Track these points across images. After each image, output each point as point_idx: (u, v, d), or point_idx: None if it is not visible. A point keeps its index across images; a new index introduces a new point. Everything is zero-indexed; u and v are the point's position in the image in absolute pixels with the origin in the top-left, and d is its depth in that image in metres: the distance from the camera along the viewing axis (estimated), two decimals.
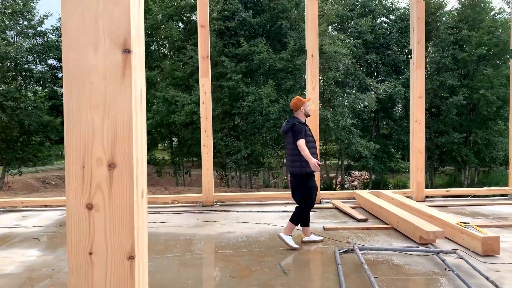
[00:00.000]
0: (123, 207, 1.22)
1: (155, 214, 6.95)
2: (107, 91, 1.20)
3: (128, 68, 1.21)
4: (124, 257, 1.22)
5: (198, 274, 3.94)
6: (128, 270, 1.23)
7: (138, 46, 1.27)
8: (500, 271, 3.89)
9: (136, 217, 1.24)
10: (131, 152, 1.21)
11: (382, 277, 3.78)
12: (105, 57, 1.20)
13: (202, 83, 7.59)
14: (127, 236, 1.22)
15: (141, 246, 1.29)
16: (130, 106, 1.21)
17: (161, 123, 19.97)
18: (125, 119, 1.21)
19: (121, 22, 1.19)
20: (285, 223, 6.07)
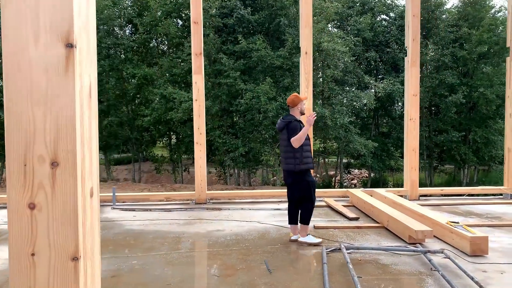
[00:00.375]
0: (67, 207, 1.18)
1: (146, 211, 6.92)
2: (49, 86, 1.16)
3: (72, 63, 1.16)
4: (67, 258, 1.19)
5: (183, 273, 3.90)
6: (72, 272, 1.19)
7: (85, 40, 1.23)
8: (487, 272, 3.85)
9: (81, 217, 1.20)
10: (75, 149, 1.17)
11: (367, 276, 3.75)
12: (46, 50, 1.15)
13: (195, 80, 7.54)
14: (71, 237, 1.18)
15: (89, 247, 1.25)
16: (74, 102, 1.17)
17: (159, 120, 19.92)
18: (68, 116, 1.17)
19: (63, 15, 1.15)
20: (277, 221, 6.05)
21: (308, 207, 4.85)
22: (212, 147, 20.42)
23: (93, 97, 1.30)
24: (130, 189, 16.34)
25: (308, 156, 4.81)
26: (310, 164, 4.83)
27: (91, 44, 1.29)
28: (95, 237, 1.32)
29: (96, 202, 1.34)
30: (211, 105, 18.68)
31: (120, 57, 22.74)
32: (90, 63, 1.28)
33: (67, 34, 1.16)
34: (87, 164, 1.25)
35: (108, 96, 22.47)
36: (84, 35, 1.23)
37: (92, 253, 1.28)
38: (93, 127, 1.30)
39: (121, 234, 5.44)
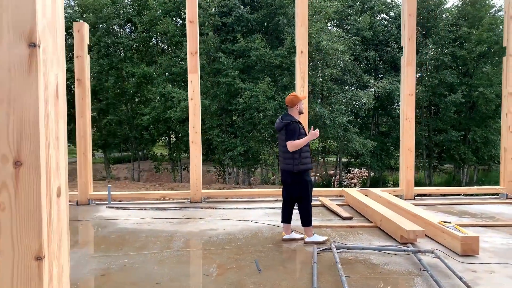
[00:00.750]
0: (31, 206, 1.18)
1: (141, 210, 6.93)
2: (12, 85, 1.16)
3: (35, 62, 1.16)
4: (31, 258, 1.18)
5: (172, 272, 3.91)
6: (35, 271, 1.19)
7: (51, 39, 1.23)
8: (477, 272, 3.84)
9: (46, 216, 1.20)
10: (38, 149, 1.17)
11: (357, 276, 3.75)
12: (9, 50, 1.15)
13: (190, 79, 7.55)
14: (34, 236, 1.18)
15: (56, 246, 1.25)
16: (37, 102, 1.16)
17: (158, 118, 19.93)
18: (32, 115, 1.17)
19: (25, 15, 1.15)
20: (271, 220, 6.05)
21: (306, 208, 4.85)
22: (211, 146, 20.43)
23: (61, 96, 1.29)
24: (128, 188, 16.36)
25: (307, 157, 4.80)
26: (309, 164, 4.83)
27: (59, 43, 1.29)
28: (63, 237, 1.32)
29: (64, 202, 1.34)
30: (209, 104, 18.68)
31: (120, 56, 22.76)
32: (57, 63, 1.27)
33: (30, 34, 1.16)
34: (53, 164, 1.24)
35: (108, 94, 22.49)
36: (49, 34, 1.22)
37: (59, 253, 1.28)
38: (61, 126, 1.30)
39: (114, 232, 5.44)
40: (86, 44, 7.62)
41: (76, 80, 7.55)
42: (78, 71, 7.54)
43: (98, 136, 23.99)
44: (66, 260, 1.35)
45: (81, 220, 6.28)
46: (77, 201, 7.57)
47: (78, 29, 7.56)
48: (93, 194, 7.73)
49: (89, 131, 7.69)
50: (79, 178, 7.61)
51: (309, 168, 4.83)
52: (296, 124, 4.78)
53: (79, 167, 7.61)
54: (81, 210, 7.09)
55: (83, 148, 7.57)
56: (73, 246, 4.82)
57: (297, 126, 4.76)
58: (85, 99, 7.55)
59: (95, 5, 21.60)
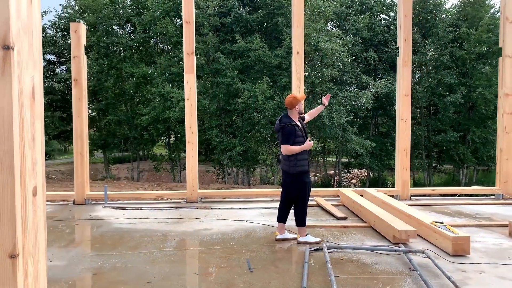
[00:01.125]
0: (4, 206, 1.20)
1: (136, 210, 6.95)
2: None
3: (8, 64, 1.19)
4: (5, 256, 1.21)
5: (164, 271, 3.93)
6: (9, 269, 1.21)
7: (26, 42, 1.25)
8: (466, 272, 3.86)
9: (20, 215, 1.22)
10: (12, 149, 1.20)
11: (347, 276, 3.77)
12: None
13: (186, 79, 7.57)
14: (8, 235, 1.20)
15: (31, 244, 1.28)
16: (11, 103, 1.19)
17: (157, 119, 19.97)
18: (6, 116, 1.19)
19: None
20: (265, 220, 6.07)
21: (302, 208, 4.87)
22: (210, 146, 20.47)
23: (37, 98, 1.32)
24: (126, 188, 16.40)
25: (303, 159, 4.78)
26: (305, 166, 4.80)
27: (35, 45, 1.31)
28: (40, 235, 1.34)
29: (41, 201, 1.36)
30: (209, 104, 18.72)
31: (119, 56, 22.83)
32: (33, 64, 1.30)
33: (4, 37, 1.18)
34: (29, 164, 1.27)
35: (107, 94, 22.55)
36: (24, 36, 1.25)
37: (35, 251, 1.30)
38: (37, 127, 1.32)
39: (109, 232, 5.47)
40: (83, 45, 7.65)
41: (73, 80, 7.58)
42: (75, 71, 7.57)
43: (98, 136, 24.07)
44: (43, 258, 1.37)
45: (76, 220, 6.30)
46: (74, 201, 7.60)
47: (75, 29, 7.59)
48: (90, 194, 7.76)
49: (85, 131, 7.72)
50: (76, 178, 7.64)
51: (305, 170, 4.81)
52: (293, 127, 4.75)
53: (76, 167, 7.64)
54: (78, 209, 7.12)
55: (80, 148, 7.60)
56: (67, 246, 4.85)
57: (293, 129, 4.74)
58: (82, 99, 7.58)
59: (95, 5, 21.68)
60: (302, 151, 4.76)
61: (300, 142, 4.77)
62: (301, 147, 4.72)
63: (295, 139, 4.74)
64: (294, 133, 4.74)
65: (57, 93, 22.96)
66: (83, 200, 7.58)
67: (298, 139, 4.76)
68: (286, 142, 4.74)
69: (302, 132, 4.85)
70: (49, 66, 23.49)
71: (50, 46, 22.67)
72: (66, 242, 5.02)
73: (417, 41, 23.37)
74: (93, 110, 25.09)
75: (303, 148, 4.73)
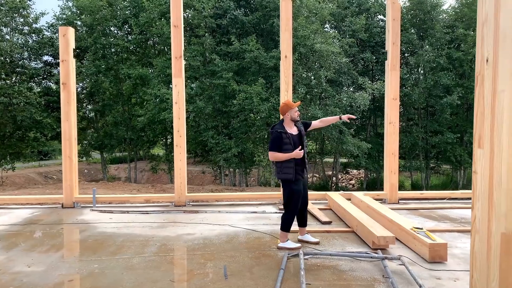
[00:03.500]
0: None
1: (123, 214, 6.97)
2: None
3: None
4: None
5: (140, 277, 3.95)
6: None
7: None
8: (441, 279, 3.87)
9: None
10: None
11: (320, 282, 3.78)
12: None
13: (175, 83, 7.59)
14: None
15: None
16: None
17: (153, 120, 20.00)
18: None
19: None
20: (250, 224, 6.09)
21: (288, 215, 4.83)
22: (206, 148, 20.48)
23: None
24: (120, 189, 16.42)
25: (288, 167, 4.70)
26: (290, 174, 4.69)
27: None
28: None
29: None
30: (204, 105, 18.73)
31: (116, 57, 22.86)
32: None
33: None
34: None
35: (104, 96, 22.57)
36: None
37: None
38: None
39: (92, 236, 5.49)
40: (71, 48, 7.67)
41: (62, 84, 7.60)
42: (64, 75, 7.60)
43: (95, 137, 24.11)
44: None
45: (62, 224, 6.33)
46: (62, 204, 7.62)
47: (64, 33, 7.61)
48: (79, 197, 7.79)
49: (74, 134, 7.74)
50: (64, 181, 7.67)
51: (289, 178, 4.70)
52: (280, 133, 4.72)
53: (65, 170, 7.67)
54: (65, 213, 7.14)
55: (68, 151, 7.62)
56: (48, 251, 4.87)
57: (280, 135, 4.71)
58: (71, 102, 7.61)
59: (92, 7, 21.71)
60: (289, 159, 4.70)
61: (288, 149, 4.70)
62: (288, 155, 4.67)
63: (283, 146, 4.70)
64: (280, 140, 4.71)
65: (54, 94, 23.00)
66: (72, 203, 7.61)
67: (286, 147, 4.70)
68: (270, 148, 4.77)
69: (290, 140, 4.73)
70: (46, 68, 23.52)
71: (48, 48, 22.71)
72: (47, 247, 5.04)
73: (414, 42, 23.37)
74: (90, 111, 25.14)
75: (290, 156, 4.66)
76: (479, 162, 1.41)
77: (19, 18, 21.78)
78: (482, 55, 1.39)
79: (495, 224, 1.34)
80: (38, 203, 8.28)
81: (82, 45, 21.72)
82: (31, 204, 8.37)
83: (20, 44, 21.15)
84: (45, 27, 23.33)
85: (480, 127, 1.39)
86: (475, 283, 1.52)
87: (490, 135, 1.35)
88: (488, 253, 1.38)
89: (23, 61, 21.97)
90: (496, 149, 1.33)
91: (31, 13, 22.23)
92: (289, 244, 4.84)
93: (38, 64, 23.01)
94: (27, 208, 7.81)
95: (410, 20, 24.03)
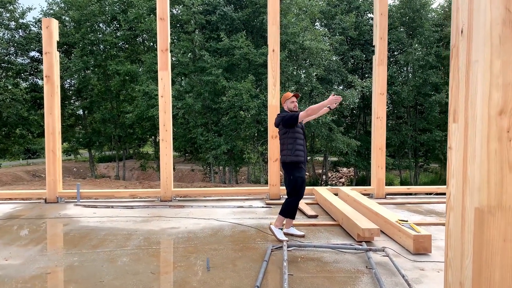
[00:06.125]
0: None
1: (107, 208, 6.87)
2: None
3: None
4: None
5: (120, 270, 3.86)
6: None
7: None
8: (424, 270, 3.85)
9: None
10: None
11: (304, 274, 3.73)
12: None
13: (161, 76, 7.49)
14: None
15: None
16: None
17: (142, 117, 19.81)
18: None
19: None
20: (236, 219, 6.03)
21: (290, 201, 4.86)
22: (195, 145, 20.35)
23: None
24: (107, 186, 16.23)
25: (299, 149, 4.79)
26: (301, 157, 4.79)
27: None
28: None
29: None
30: (193, 102, 18.60)
31: (104, 53, 22.61)
32: None
33: None
34: None
35: (92, 92, 22.31)
36: None
37: None
38: None
39: (74, 230, 5.39)
40: (55, 41, 7.53)
41: (45, 77, 7.46)
42: (47, 67, 7.45)
43: (83, 135, 23.82)
44: None
45: (45, 218, 6.20)
46: (45, 199, 7.49)
47: (47, 25, 7.46)
48: (63, 191, 7.65)
49: (58, 128, 7.61)
50: (48, 175, 7.54)
51: (300, 160, 4.77)
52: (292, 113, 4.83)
53: (48, 165, 7.53)
54: (48, 207, 7.02)
55: (52, 146, 7.49)
56: (27, 244, 4.76)
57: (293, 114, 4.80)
58: (54, 96, 7.47)
59: (80, 2, 21.43)
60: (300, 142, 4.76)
61: (299, 133, 4.82)
62: (325, 102, 4.58)
63: (295, 128, 4.79)
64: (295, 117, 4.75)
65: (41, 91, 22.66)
66: (55, 198, 7.47)
67: (297, 129, 4.81)
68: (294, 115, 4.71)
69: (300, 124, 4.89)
70: (33, 63, 23.17)
71: (35, 43, 22.36)
72: (27, 241, 4.93)
73: (403, 40, 23.49)
74: (77, 108, 24.83)
75: (328, 103, 4.55)
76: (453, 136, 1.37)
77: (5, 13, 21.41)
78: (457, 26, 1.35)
79: (469, 199, 1.30)
80: (21, 198, 8.13)
81: (70, 41, 21.44)
82: (13, 199, 8.23)
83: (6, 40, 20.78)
84: (32, 23, 22.98)
85: (455, 101, 1.35)
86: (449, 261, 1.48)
87: (465, 108, 1.31)
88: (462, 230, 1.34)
89: (9, 57, 21.61)
90: (470, 122, 1.29)
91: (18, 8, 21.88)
92: (277, 232, 4.79)
93: (25, 59, 22.66)
94: (9, 203, 7.66)
95: (400, 19, 24.14)
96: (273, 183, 7.62)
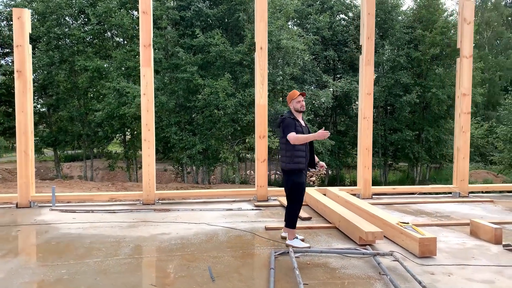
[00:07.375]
0: None
1: (88, 213, 6.44)
2: None
3: None
4: None
5: (116, 283, 3.55)
6: None
7: None
8: (434, 274, 3.78)
9: None
10: None
11: (314, 281, 3.56)
12: None
13: (143, 73, 7.14)
14: None
15: None
16: None
17: (112, 115, 19.06)
18: None
19: None
20: (228, 222, 5.80)
21: (293, 209, 4.64)
22: (169, 144, 19.83)
23: None
24: (79, 188, 15.50)
25: (300, 156, 4.53)
26: (301, 164, 4.54)
27: None
28: None
29: None
30: (167, 100, 18.10)
31: (72, 49, 21.61)
32: None
33: None
34: None
35: (58, 89, 21.28)
36: None
37: None
38: None
39: (55, 239, 4.97)
40: (27, 33, 7.00)
41: (16, 71, 6.92)
42: (18, 62, 6.91)
43: (48, 133, 22.69)
44: None
45: (19, 225, 5.72)
46: (16, 204, 6.95)
47: (18, 15, 6.92)
48: (36, 195, 7.14)
49: (30, 127, 7.08)
50: (19, 178, 6.99)
51: (301, 168, 4.54)
52: (293, 120, 4.57)
53: (20, 166, 6.99)
54: (21, 213, 6.51)
55: (24, 146, 6.96)
56: (5, 256, 4.33)
57: (293, 121, 4.55)
58: (26, 92, 6.94)
59: None
60: (300, 148, 4.50)
61: None
62: (312, 135, 4.40)
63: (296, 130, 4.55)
64: (294, 125, 4.51)
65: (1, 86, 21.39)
66: (28, 202, 6.95)
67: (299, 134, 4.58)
68: (288, 131, 4.47)
69: (302, 129, 4.60)
70: None
71: None
72: (4, 251, 4.48)
73: (375, 41, 23.90)
74: (42, 106, 23.61)
75: (315, 137, 4.37)
76: None
77: None
78: None
79: None
80: None
81: (34, 34, 20.31)
82: None
83: None
84: None
85: None
86: None
87: None
88: None
89: None
90: None
91: None
92: (296, 243, 4.55)
93: None
94: None
95: None
96: (261, 185, 7.43)
